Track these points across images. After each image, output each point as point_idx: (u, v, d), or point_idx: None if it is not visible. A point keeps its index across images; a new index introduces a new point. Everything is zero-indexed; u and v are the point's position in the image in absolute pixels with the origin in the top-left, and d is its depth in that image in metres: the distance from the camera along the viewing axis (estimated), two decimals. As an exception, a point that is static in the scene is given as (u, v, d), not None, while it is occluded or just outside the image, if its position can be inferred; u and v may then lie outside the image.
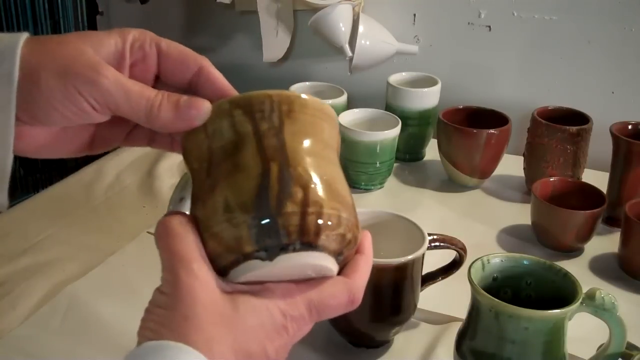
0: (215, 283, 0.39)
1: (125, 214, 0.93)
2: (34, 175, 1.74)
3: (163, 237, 0.40)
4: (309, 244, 0.39)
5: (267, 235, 0.38)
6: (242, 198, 0.39)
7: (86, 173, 1.04)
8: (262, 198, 0.38)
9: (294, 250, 0.39)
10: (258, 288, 0.41)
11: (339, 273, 0.43)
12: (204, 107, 0.41)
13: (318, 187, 0.39)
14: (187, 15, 1.42)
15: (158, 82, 0.46)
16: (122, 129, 0.47)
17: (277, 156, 0.39)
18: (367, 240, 0.45)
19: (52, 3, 1.32)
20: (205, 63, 0.45)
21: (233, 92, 0.45)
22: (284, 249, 0.39)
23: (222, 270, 0.40)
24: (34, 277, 0.78)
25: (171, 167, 1.05)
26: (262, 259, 0.39)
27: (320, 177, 0.40)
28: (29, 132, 0.42)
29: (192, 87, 0.45)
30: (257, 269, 0.39)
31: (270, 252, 0.39)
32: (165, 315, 0.38)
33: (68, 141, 0.45)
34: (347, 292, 0.42)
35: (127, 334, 0.44)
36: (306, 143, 0.41)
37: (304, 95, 0.42)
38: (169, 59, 0.45)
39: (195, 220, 0.41)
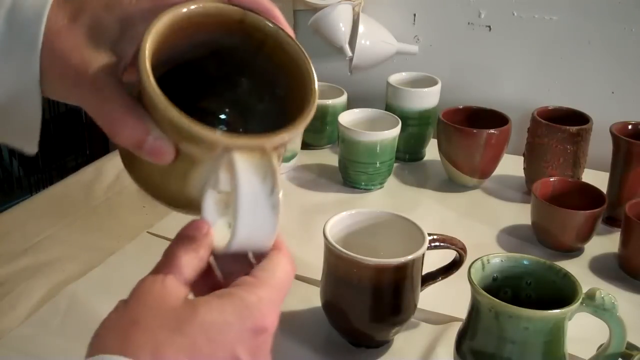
0: (179, 292, 0.38)
1: (125, 214, 0.93)
2: (33, 175, 1.74)
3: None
4: None
5: None
6: None
7: (86, 173, 1.04)
8: None
9: None
10: (220, 292, 0.39)
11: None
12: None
13: None
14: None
15: None
16: None
17: None
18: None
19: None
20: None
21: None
22: None
23: None
24: (34, 277, 0.78)
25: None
26: None
27: None
28: None
29: None
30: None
31: None
32: (115, 318, 0.37)
33: None
34: (287, 258, 0.41)
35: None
36: None
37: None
38: None
39: None
